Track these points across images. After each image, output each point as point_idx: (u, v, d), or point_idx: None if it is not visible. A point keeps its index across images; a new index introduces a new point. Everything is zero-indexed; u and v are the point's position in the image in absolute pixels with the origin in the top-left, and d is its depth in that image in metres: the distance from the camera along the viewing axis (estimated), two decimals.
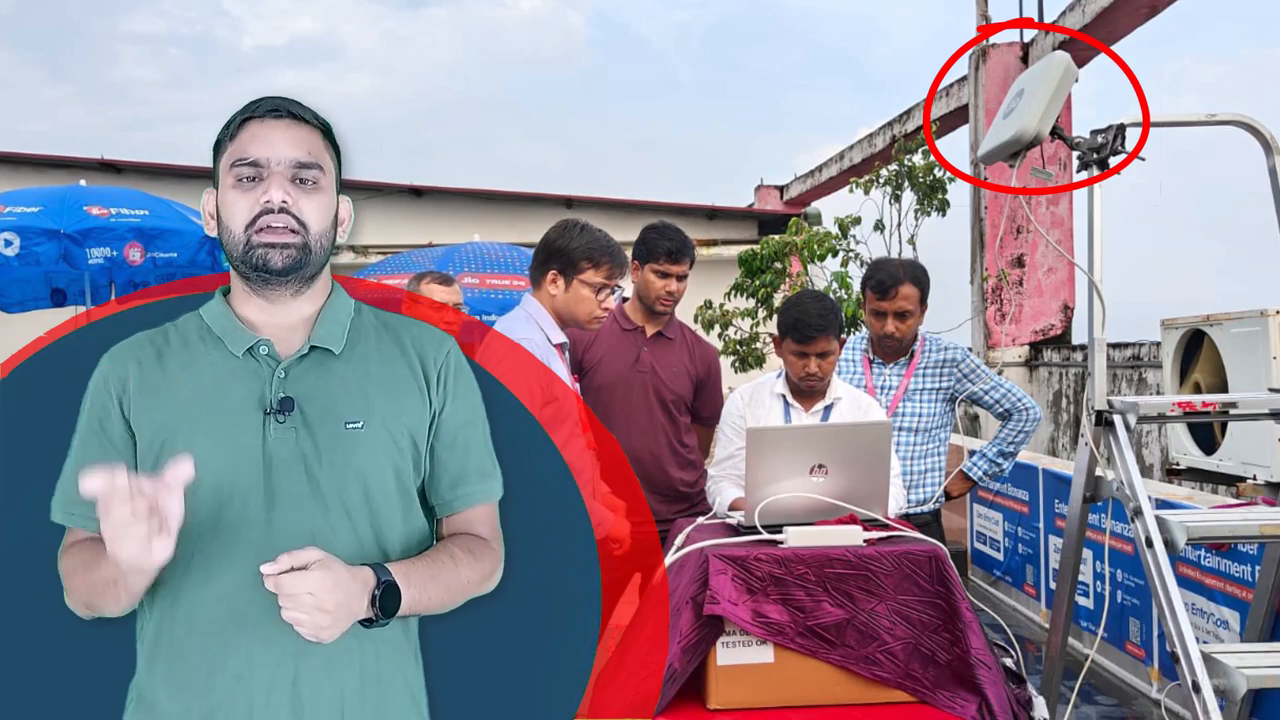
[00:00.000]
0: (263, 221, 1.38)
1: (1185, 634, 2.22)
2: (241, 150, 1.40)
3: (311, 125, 1.44)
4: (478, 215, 14.29)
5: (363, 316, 1.52)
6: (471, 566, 1.48)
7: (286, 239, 1.39)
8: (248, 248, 1.39)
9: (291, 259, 1.39)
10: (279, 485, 1.37)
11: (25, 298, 7.20)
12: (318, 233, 1.42)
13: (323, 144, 1.45)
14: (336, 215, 1.47)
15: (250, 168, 1.39)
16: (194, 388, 1.39)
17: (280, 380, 1.40)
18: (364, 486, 1.41)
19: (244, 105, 1.44)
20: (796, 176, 17.67)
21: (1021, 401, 3.56)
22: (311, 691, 1.38)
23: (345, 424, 1.40)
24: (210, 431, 1.37)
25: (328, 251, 1.45)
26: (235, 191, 1.40)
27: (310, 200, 1.41)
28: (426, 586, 1.39)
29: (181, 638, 1.37)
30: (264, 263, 1.39)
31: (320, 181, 1.42)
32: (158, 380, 1.40)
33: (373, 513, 1.42)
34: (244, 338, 1.42)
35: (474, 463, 1.53)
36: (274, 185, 1.38)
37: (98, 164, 13.37)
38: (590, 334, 3.18)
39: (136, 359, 1.42)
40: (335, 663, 1.39)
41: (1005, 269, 10.11)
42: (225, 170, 1.41)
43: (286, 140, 1.40)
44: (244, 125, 1.41)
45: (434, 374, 1.50)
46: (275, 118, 1.41)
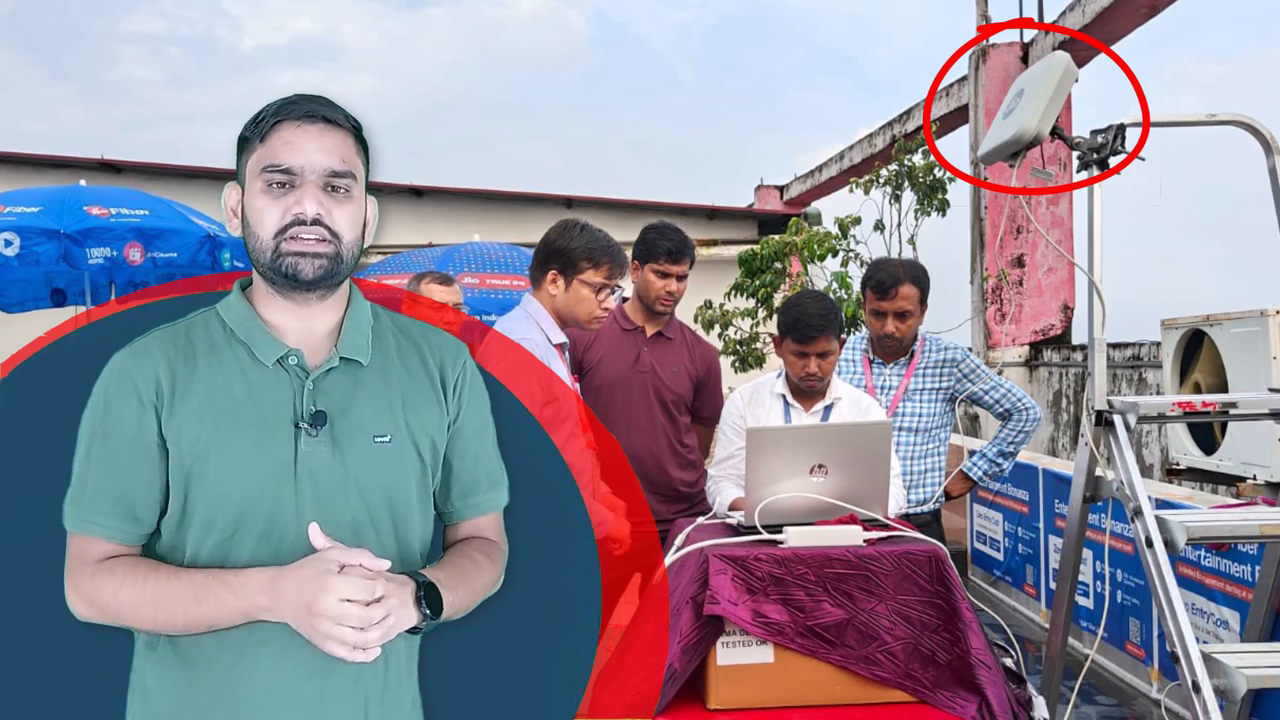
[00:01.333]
0: (294, 231, 1.35)
1: (1185, 634, 2.22)
2: (273, 155, 1.35)
3: (344, 129, 1.40)
4: (478, 215, 14.29)
5: (380, 321, 1.51)
6: (489, 570, 1.50)
7: (318, 249, 1.36)
8: (277, 255, 1.36)
9: (323, 269, 1.37)
10: (309, 498, 1.36)
11: (25, 298, 7.20)
12: (349, 242, 1.39)
13: (355, 147, 1.41)
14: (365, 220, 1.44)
15: (283, 174, 1.35)
16: (228, 398, 1.36)
17: (310, 393, 1.38)
18: (389, 499, 1.42)
19: (276, 103, 1.39)
20: (796, 176, 17.68)
21: (1021, 401, 3.56)
22: (337, 702, 1.37)
23: (374, 438, 1.40)
24: (244, 444, 1.34)
25: (356, 259, 1.43)
26: (265, 198, 1.36)
27: (343, 210, 1.38)
28: (457, 589, 1.40)
29: (208, 651, 1.35)
30: (294, 272, 1.36)
31: (353, 190, 1.39)
32: (190, 387, 1.36)
33: (397, 524, 1.43)
34: (273, 346, 1.39)
35: (484, 472, 1.54)
36: (307, 196, 1.35)
37: (98, 164, 13.37)
38: (590, 334, 3.18)
39: (164, 362, 1.37)
40: (362, 675, 1.39)
41: (1005, 269, 10.12)
42: (254, 173, 1.37)
43: (321, 148, 1.36)
44: (276, 127, 1.36)
45: (451, 383, 1.50)
46: (310, 122, 1.36)
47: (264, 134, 1.37)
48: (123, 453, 1.35)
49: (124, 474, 1.35)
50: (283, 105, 1.38)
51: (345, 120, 1.40)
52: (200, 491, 1.34)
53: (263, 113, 1.39)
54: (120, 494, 1.35)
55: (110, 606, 1.32)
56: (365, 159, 1.44)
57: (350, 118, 1.42)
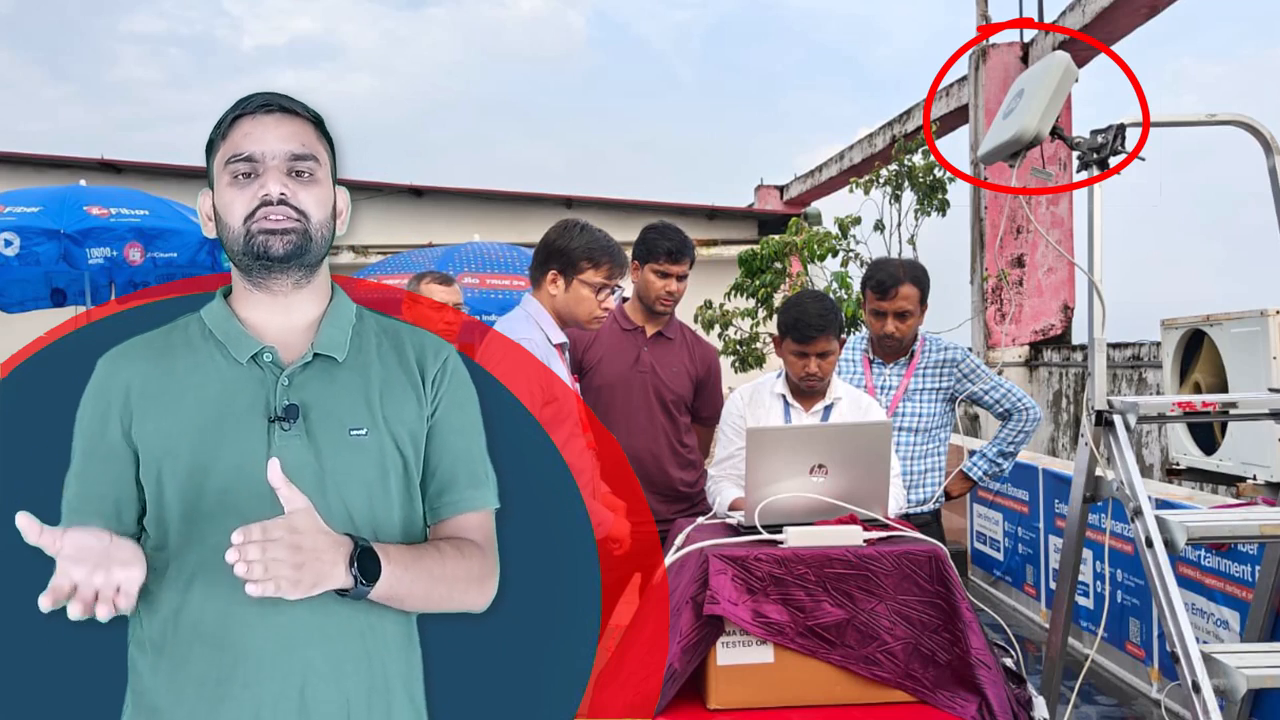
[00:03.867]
0: (262, 213, 1.38)
1: (1185, 634, 2.22)
2: (235, 147, 1.39)
3: (303, 118, 1.43)
4: (478, 215, 14.28)
5: (364, 321, 1.51)
6: (458, 562, 1.45)
7: (287, 225, 1.38)
8: (248, 238, 1.38)
9: (292, 244, 1.39)
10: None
11: (25, 298, 7.20)
12: (318, 221, 1.41)
13: (316, 136, 1.44)
14: (335, 207, 1.47)
15: (245, 163, 1.38)
16: (198, 395, 1.39)
17: (284, 388, 1.40)
18: (368, 493, 1.41)
19: (234, 103, 1.43)
20: (796, 176, 17.68)
21: (1021, 401, 3.56)
22: (318, 702, 1.37)
23: (349, 431, 1.41)
24: (215, 440, 1.36)
25: (328, 241, 1.45)
26: (232, 189, 1.39)
27: (308, 191, 1.41)
28: (410, 566, 1.36)
29: (186, 646, 1.36)
30: (265, 250, 1.38)
31: (316, 173, 1.42)
32: (160, 388, 1.40)
33: (375, 519, 1.42)
34: (247, 343, 1.41)
35: (464, 470, 1.52)
36: (271, 179, 1.38)
37: (98, 164, 13.36)
38: (590, 334, 3.18)
39: (136, 366, 1.41)
40: (344, 673, 1.39)
41: (1005, 269, 10.12)
42: (220, 168, 1.41)
43: (280, 134, 1.40)
44: (235, 123, 1.40)
45: (430, 379, 1.50)
46: (266, 112, 1.40)
47: (225, 132, 1.41)
48: (97, 456, 1.40)
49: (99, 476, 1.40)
50: (240, 102, 1.42)
51: (304, 110, 1.44)
52: (174, 488, 1.36)
53: (224, 114, 1.43)
54: (99, 494, 1.39)
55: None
56: (330, 149, 1.47)
57: (309, 110, 1.45)
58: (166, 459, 1.36)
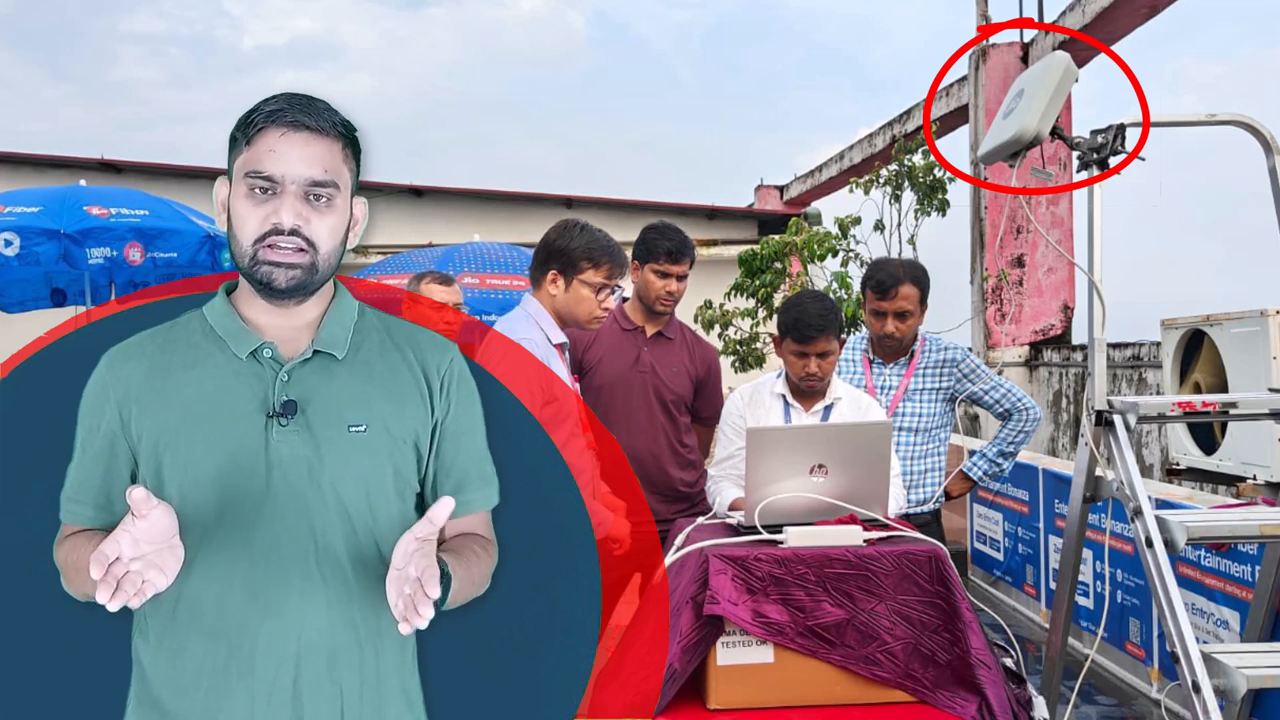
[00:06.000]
0: (271, 240, 1.37)
1: (1185, 634, 2.22)
2: (256, 162, 1.36)
3: (330, 136, 1.40)
4: (478, 215, 14.28)
5: (366, 319, 1.52)
6: (485, 562, 1.51)
7: (293, 259, 1.37)
8: (254, 262, 1.38)
9: (295, 280, 1.39)
10: (281, 487, 1.38)
11: (25, 298, 7.20)
12: (326, 252, 1.41)
13: (342, 155, 1.41)
14: (349, 225, 1.46)
15: (265, 181, 1.37)
16: (196, 391, 1.40)
17: (283, 383, 1.40)
18: (365, 489, 1.42)
19: (266, 104, 1.39)
20: (796, 176, 17.68)
21: (1021, 401, 3.56)
22: (312, 692, 1.39)
23: (348, 427, 1.41)
24: (213, 434, 1.37)
25: (334, 267, 1.45)
26: (248, 202, 1.38)
27: (322, 219, 1.39)
28: (462, 577, 1.40)
29: (183, 638, 1.38)
30: (268, 280, 1.38)
31: (335, 200, 1.40)
32: (160, 383, 1.41)
33: (373, 515, 1.43)
34: (248, 340, 1.42)
35: (474, 470, 1.54)
36: (285, 206, 1.36)
37: (98, 164, 13.35)
38: (590, 334, 3.18)
39: (138, 362, 1.42)
40: (337, 663, 1.40)
41: (1005, 269, 10.12)
42: (238, 175, 1.39)
43: (304, 158, 1.37)
44: (262, 132, 1.37)
45: (437, 381, 1.50)
46: (295, 130, 1.37)
47: (250, 137, 1.38)
48: (93, 447, 1.42)
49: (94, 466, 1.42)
50: (273, 110, 1.38)
51: (333, 127, 1.40)
52: (173, 482, 1.37)
53: (253, 113, 1.39)
54: (96, 485, 1.42)
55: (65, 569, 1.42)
56: (355, 163, 1.45)
57: (339, 124, 1.41)
58: (166, 453, 1.38)
